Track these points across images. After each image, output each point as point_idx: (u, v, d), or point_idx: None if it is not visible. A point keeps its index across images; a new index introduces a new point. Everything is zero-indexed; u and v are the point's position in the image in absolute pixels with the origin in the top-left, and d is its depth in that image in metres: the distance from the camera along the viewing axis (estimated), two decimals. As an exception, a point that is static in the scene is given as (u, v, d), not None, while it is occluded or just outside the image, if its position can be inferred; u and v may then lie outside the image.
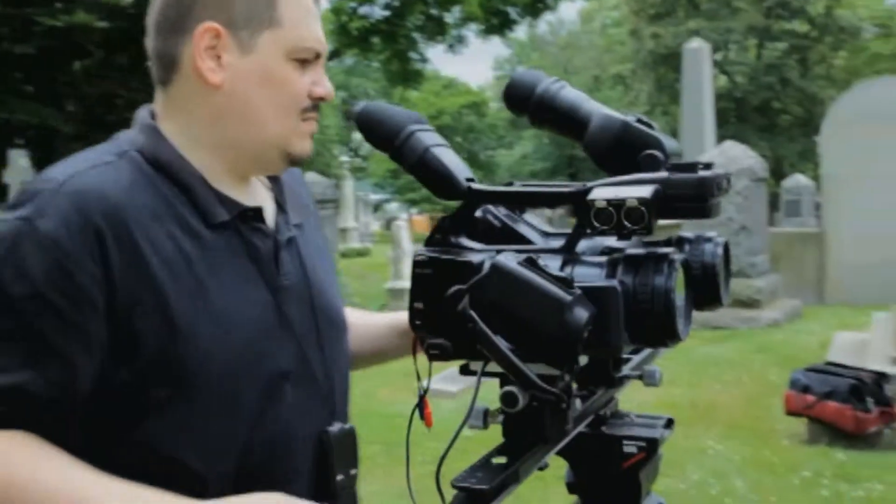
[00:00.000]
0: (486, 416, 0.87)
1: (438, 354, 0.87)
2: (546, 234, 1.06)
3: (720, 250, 0.93)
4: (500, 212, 1.03)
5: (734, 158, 8.36)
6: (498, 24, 14.93)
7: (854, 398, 4.17)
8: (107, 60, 10.66)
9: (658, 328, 0.81)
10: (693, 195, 0.82)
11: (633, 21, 26.16)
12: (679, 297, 0.83)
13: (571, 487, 1.03)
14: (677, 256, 0.83)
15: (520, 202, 0.92)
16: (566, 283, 0.78)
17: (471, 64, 40.96)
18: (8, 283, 0.88)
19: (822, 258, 9.59)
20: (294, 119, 1.02)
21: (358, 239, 20.11)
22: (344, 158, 24.33)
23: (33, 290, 0.87)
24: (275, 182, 1.10)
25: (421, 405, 1.08)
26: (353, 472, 1.04)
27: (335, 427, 1.02)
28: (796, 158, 23.30)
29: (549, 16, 26.89)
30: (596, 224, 0.80)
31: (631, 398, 1.05)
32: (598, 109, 1.15)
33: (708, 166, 0.95)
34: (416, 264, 0.89)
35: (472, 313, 0.79)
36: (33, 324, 0.88)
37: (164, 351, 0.91)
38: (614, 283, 0.79)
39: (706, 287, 0.92)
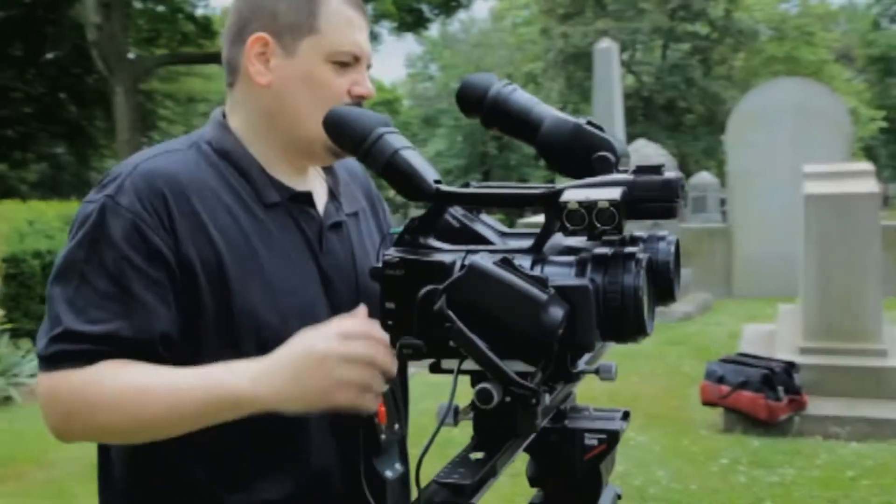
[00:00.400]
0: (457, 413, 0.86)
1: (411, 354, 0.87)
2: (502, 234, 1.07)
3: (672, 248, 0.95)
4: (458, 212, 1.04)
5: (646, 157, 8.58)
6: (412, 22, 14.94)
7: (766, 387, 4.34)
8: (1, 52, 10.22)
9: (628, 325, 0.83)
10: (658, 196, 0.84)
11: (543, 20, 26.56)
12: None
13: (533, 481, 1.04)
14: (643, 255, 0.84)
15: (487, 204, 0.92)
16: (541, 282, 0.78)
17: (383, 61, 40.85)
18: (101, 251, 1.03)
19: (729, 252, 9.96)
20: None
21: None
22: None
23: (120, 253, 1.03)
24: (330, 174, 1.24)
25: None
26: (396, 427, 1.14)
27: None
28: (701, 155, 24.11)
29: (461, 14, 27.07)
30: (568, 225, 0.81)
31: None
32: (549, 112, 1.16)
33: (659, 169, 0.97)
34: (387, 265, 0.88)
35: (450, 313, 0.79)
36: (122, 281, 1.02)
37: (219, 309, 1.05)
38: (586, 281, 0.80)
39: (660, 284, 0.94)
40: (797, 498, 3.58)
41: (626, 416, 1.06)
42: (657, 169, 0.83)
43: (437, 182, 0.92)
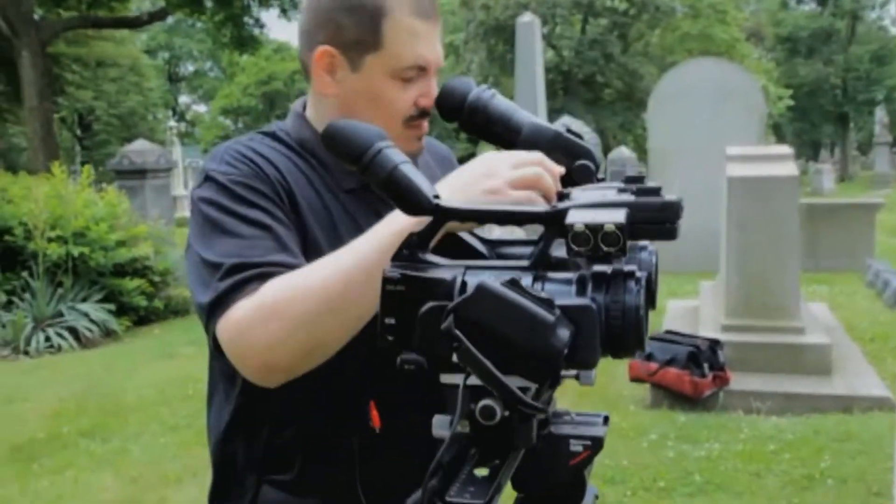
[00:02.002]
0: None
1: (412, 370, 0.87)
2: (484, 241, 1.07)
3: (654, 258, 0.97)
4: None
5: (571, 133, 8.68)
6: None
7: (692, 364, 4.48)
8: None
9: (629, 342, 0.84)
10: (659, 218, 0.85)
11: (465, -8, 26.46)
12: None
13: (516, 484, 1.05)
14: (641, 274, 0.85)
15: (488, 220, 0.91)
16: (548, 304, 0.79)
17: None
18: (239, 209, 1.08)
19: (648, 228, 10.18)
20: (398, 127, 1.15)
21: (189, 207, 19.32)
22: (170, 124, 23.15)
23: (252, 206, 1.09)
24: (412, 159, 1.20)
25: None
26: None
27: None
28: (618, 130, 24.56)
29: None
30: (573, 246, 0.81)
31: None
32: (528, 119, 1.16)
33: (658, 189, 0.98)
34: (387, 281, 0.87)
35: (458, 332, 0.79)
36: (262, 223, 1.08)
37: None
38: (590, 302, 0.81)
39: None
40: (723, 471, 3.72)
41: (606, 420, 1.08)
42: (656, 190, 0.84)
43: (436, 197, 0.90)
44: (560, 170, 1.01)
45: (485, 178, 0.99)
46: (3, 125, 23.32)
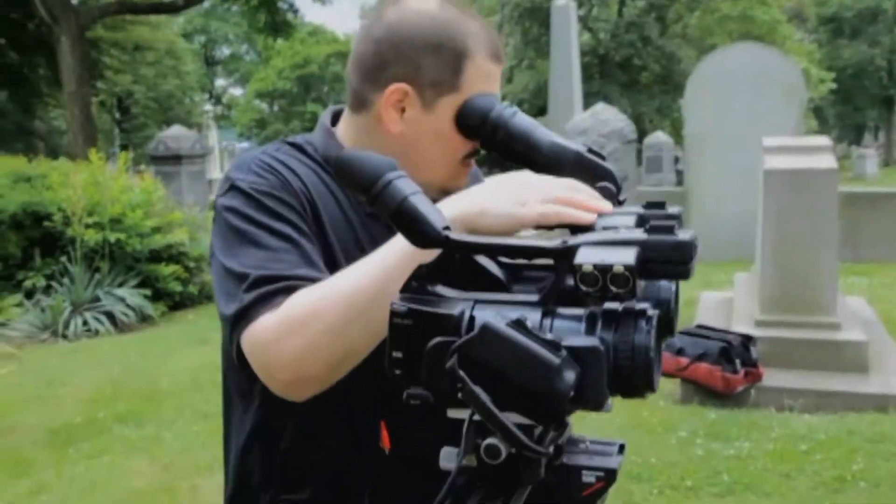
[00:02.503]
0: None
1: (419, 405, 0.86)
2: (502, 266, 1.05)
3: (673, 287, 0.96)
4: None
5: (605, 121, 8.61)
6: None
7: (723, 360, 4.42)
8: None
9: (637, 384, 0.82)
10: (671, 258, 0.83)
11: (501, -27, 26.25)
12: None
13: None
14: (653, 312, 0.83)
15: (498, 254, 0.90)
16: (554, 346, 0.77)
17: (337, 11, 40.01)
18: (265, 220, 1.08)
19: (684, 216, 10.04)
20: (456, 166, 1.17)
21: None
22: (206, 107, 23.33)
23: (278, 218, 1.08)
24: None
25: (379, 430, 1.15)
26: None
27: None
28: (655, 115, 24.25)
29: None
30: (582, 286, 0.80)
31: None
32: (548, 137, 1.14)
33: (677, 217, 0.96)
34: (395, 314, 0.86)
35: (461, 373, 0.79)
36: (287, 236, 1.08)
37: None
38: (598, 343, 0.79)
39: (660, 322, 0.94)
40: (752, 471, 3.68)
41: (621, 449, 1.06)
42: (670, 228, 0.82)
43: (446, 228, 0.89)
44: (597, 207, 0.96)
45: (519, 188, 0.99)
46: (45, 109, 23.68)
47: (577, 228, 0.95)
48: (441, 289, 0.90)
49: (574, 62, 15.81)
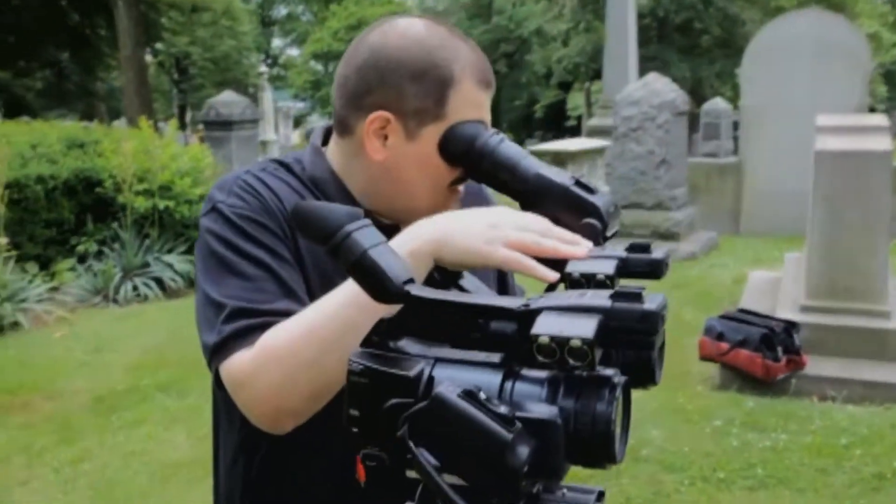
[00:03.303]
0: None
1: (374, 466, 0.84)
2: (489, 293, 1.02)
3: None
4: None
5: (657, 91, 8.39)
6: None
7: (765, 347, 4.32)
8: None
9: (596, 454, 0.79)
10: (636, 329, 0.78)
11: (559, -67, 25.66)
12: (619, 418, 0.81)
13: None
14: (619, 379, 0.79)
15: (459, 313, 0.86)
16: (506, 420, 0.74)
17: (393, -29, 39.64)
18: (244, 246, 1.07)
19: (738, 188, 9.82)
20: (443, 193, 1.14)
21: (278, 152, 19.65)
22: (262, 69, 23.43)
23: (257, 244, 1.07)
24: None
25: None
26: None
27: None
28: (715, 80, 23.60)
29: (474, -75, 26.16)
30: (539, 357, 0.76)
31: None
32: (534, 169, 1.10)
33: (659, 263, 0.93)
34: (351, 372, 0.84)
35: (411, 444, 0.76)
36: (265, 263, 1.07)
37: None
38: (555, 416, 0.76)
39: (641, 369, 0.91)
40: (787, 465, 3.60)
41: (600, 496, 1.03)
42: (637, 296, 0.77)
43: (409, 281, 0.86)
44: (567, 253, 0.94)
45: (490, 226, 0.96)
46: (107, 69, 24.10)
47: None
48: (405, 343, 0.87)
49: (630, 25, 15.44)
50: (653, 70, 10.23)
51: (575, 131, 22.74)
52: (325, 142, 1.22)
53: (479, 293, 0.86)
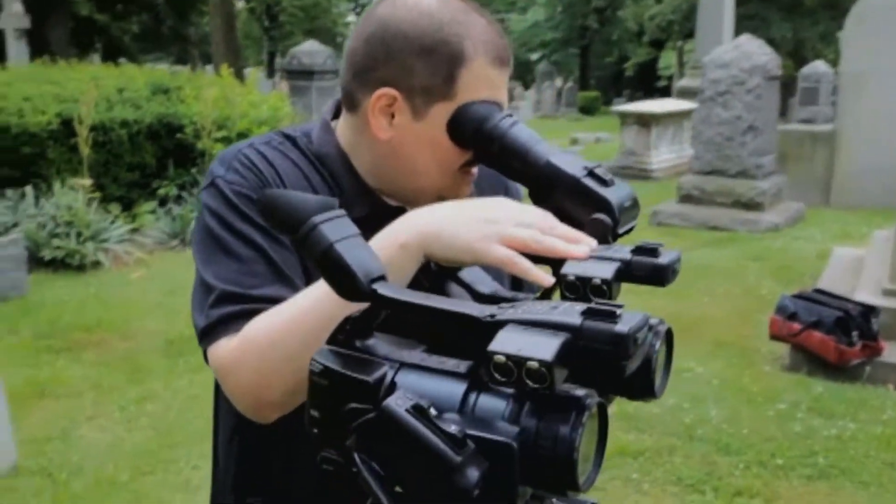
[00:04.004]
0: None
1: (332, 470, 0.80)
2: (480, 296, 0.96)
3: (658, 343, 0.85)
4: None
5: (748, 54, 8.01)
6: None
7: (839, 330, 4.12)
8: None
9: (557, 479, 0.72)
10: (605, 353, 0.71)
11: None
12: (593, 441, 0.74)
13: None
14: (591, 402, 0.72)
15: (422, 316, 0.80)
16: (456, 441, 0.68)
17: (489, -81, 38.89)
18: (239, 225, 1.03)
19: (831, 159, 9.35)
20: (453, 175, 1.07)
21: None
22: (349, 18, 23.42)
23: (252, 223, 1.03)
24: None
25: None
26: None
27: None
28: (818, 41, 22.46)
29: None
30: (496, 376, 0.69)
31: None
32: (545, 156, 1.02)
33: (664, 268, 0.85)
34: (311, 372, 0.79)
35: (356, 457, 0.71)
36: (259, 246, 1.03)
37: None
38: (512, 438, 0.70)
39: (639, 378, 0.83)
40: (852, 456, 3.44)
41: None
42: (611, 314, 0.70)
43: (379, 279, 0.80)
44: (566, 252, 0.87)
45: (485, 220, 0.90)
46: (201, 14, 24.48)
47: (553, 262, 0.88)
48: (375, 342, 0.82)
49: (728, -20, 14.78)
50: (752, 30, 9.78)
51: (665, 92, 22.07)
52: (337, 115, 1.17)
53: (451, 298, 0.79)
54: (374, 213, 1.05)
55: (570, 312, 0.72)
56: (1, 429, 3.24)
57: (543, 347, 0.68)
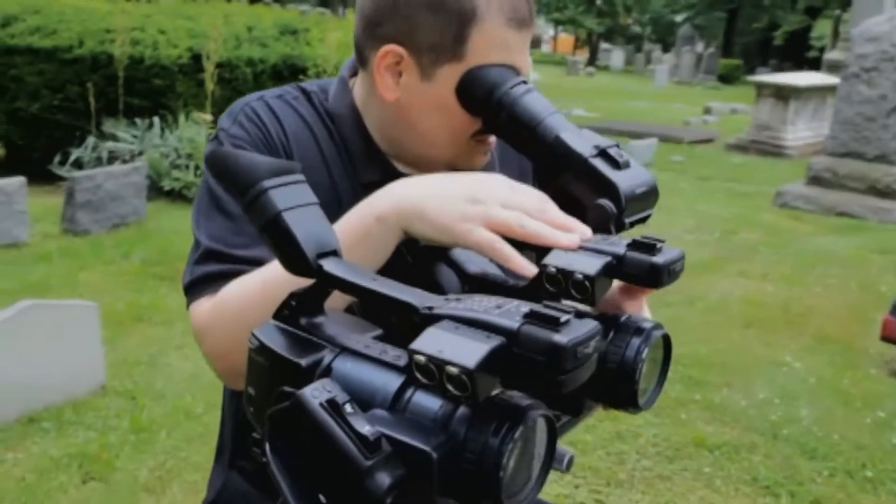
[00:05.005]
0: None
1: (260, 453, 0.76)
2: (470, 278, 0.89)
3: (646, 350, 0.77)
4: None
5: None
6: None
7: (959, 338, 3.78)
8: None
9: (479, 492, 0.65)
10: (541, 364, 0.63)
11: None
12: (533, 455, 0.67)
13: None
14: (535, 414, 0.64)
15: (368, 300, 0.73)
16: (367, 443, 0.62)
17: None
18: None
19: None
20: (464, 143, 1.01)
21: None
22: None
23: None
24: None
25: None
26: None
27: None
28: None
29: None
30: (418, 376, 0.62)
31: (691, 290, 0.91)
32: (555, 131, 0.93)
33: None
34: (249, 348, 0.75)
35: (267, 446, 0.67)
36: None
37: None
38: (432, 446, 0.63)
39: (620, 388, 0.77)
40: (953, 478, 3.17)
41: None
42: (554, 320, 0.61)
43: (329, 254, 0.74)
44: (554, 241, 0.78)
45: (471, 199, 0.82)
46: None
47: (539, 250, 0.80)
48: (323, 322, 0.77)
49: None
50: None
51: (815, 65, 20.77)
52: (357, 73, 1.11)
53: (399, 283, 0.72)
54: (386, 179, 0.99)
55: (512, 314, 0.64)
56: (93, 350, 3.40)
57: (468, 352, 0.61)
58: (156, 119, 7.24)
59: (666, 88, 22.83)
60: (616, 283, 0.88)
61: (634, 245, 0.79)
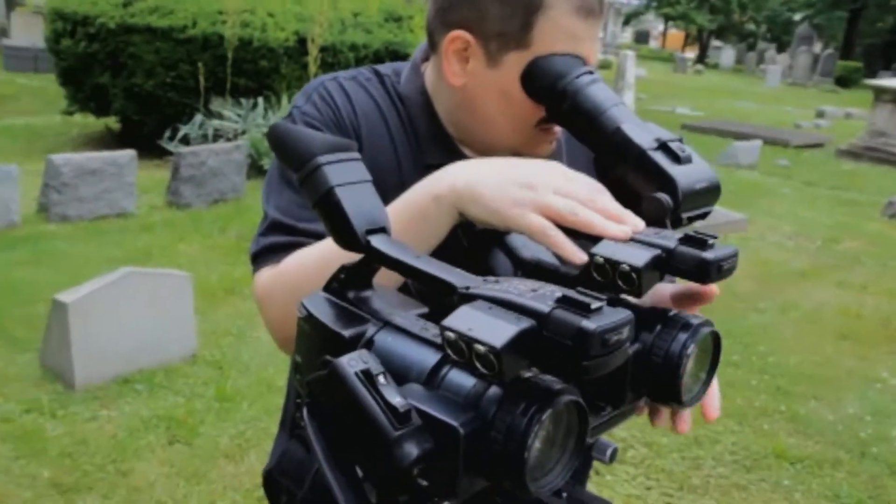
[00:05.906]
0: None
1: (300, 418, 0.78)
2: (521, 262, 0.90)
3: (692, 347, 0.77)
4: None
5: None
6: None
7: None
8: None
9: (504, 472, 0.66)
10: (566, 347, 0.63)
11: None
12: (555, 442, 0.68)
13: None
14: (565, 398, 0.64)
15: (407, 276, 0.75)
16: (399, 415, 0.64)
17: None
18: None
19: None
20: (529, 131, 1.01)
21: (601, 50, 19.20)
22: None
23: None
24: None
25: None
26: None
27: None
28: None
29: None
30: (449, 353, 0.64)
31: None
32: (616, 122, 0.93)
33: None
34: (298, 317, 0.78)
35: (304, 413, 0.69)
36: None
37: None
38: (460, 422, 0.64)
39: (664, 382, 0.77)
40: None
41: None
42: (585, 306, 0.62)
43: (377, 231, 0.76)
44: (603, 230, 0.79)
45: (524, 184, 0.83)
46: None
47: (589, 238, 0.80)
48: (370, 296, 0.79)
49: None
50: None
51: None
52: (429, 57, 1.12)
53: (443, 263, 0.73)
54: (450, 162, 1.01)
55: (545, 298, 0.65)
56: (186, 320, 3.55)
57: (497, 332, 0.62)
58: (260, 99, 7.46)
59: (777, 89, 22.04)
60: (669, 293, 0.87)
61: (686, 240, 0.78)
